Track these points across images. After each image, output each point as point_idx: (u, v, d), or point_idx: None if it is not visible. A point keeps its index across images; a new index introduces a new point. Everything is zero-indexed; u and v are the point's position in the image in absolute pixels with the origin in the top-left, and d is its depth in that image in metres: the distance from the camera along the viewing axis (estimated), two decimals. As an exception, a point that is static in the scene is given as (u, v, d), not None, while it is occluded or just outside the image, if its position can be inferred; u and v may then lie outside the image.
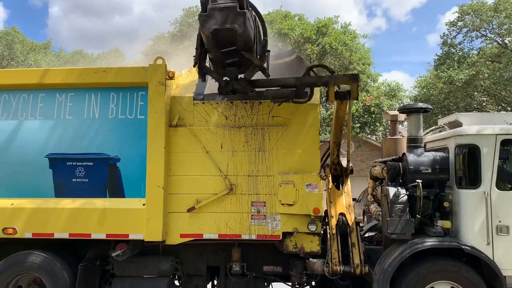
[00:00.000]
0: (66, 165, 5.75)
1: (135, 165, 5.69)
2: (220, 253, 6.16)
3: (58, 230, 5.62)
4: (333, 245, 5.72)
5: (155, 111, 5.61)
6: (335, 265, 5.63)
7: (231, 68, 5.00)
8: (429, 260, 5.24)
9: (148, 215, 5.51)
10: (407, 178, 5.56)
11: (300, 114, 5.64)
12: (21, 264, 5.66)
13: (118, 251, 5.66)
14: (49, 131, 5.82)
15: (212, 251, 6.16)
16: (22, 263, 5.66)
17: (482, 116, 6.32)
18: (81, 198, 5.68)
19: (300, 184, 5.49)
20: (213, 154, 5.68)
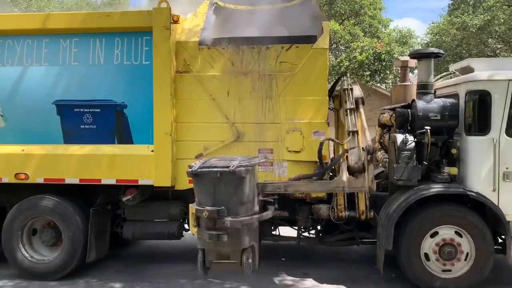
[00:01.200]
0: (73, 111, 5.76)
1: (143, 111, 5.68)
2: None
3: (69, 176, 5.73)
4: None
5: (160, 57, 5.52)
6: (341, 211, 5.73)
7: None
8: (434, 205, 5.30)
9: (157, 161, 5.57)
10: (415, 124, 5.52)
11: (308, 59, 5.52)
12: (34, 208, 5.83)
13: (128, 196, 5.78)
14: (55, 77, 5.78)
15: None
16: (35, 207, 5.82)
17: (494, 62, 6.16)
18: (90, 145, 5.74)
19: (307, 131, 5.48)
20: (220, 101, 5.64)
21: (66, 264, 5.77)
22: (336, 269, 6.23)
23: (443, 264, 5.28)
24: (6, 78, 5.84)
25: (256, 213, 4.52)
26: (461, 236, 5.24)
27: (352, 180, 5.06)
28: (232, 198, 4.10)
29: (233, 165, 4.04)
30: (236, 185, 4.07)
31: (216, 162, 4.30)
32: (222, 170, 4.05)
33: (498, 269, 5.84)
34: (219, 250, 4.30)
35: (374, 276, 5.87)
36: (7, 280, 5.83)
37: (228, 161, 4.29)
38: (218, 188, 4.10)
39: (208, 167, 4.16)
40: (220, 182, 4.05)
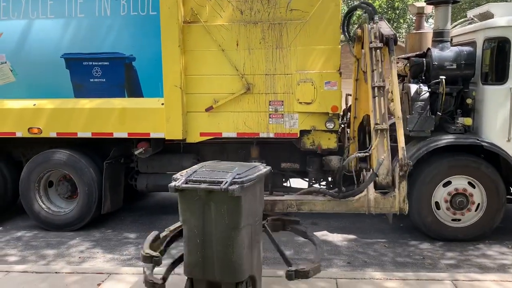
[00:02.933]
0: (82, 65, 5.70)
1: (151, 64, 5.59)
2: (239, 151, 6.29)
3: (81, 130, 5.77)
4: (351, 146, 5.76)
5: (167, 7, 5.37)
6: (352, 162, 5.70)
7: None
8: (448, 155, 5.25)
9: (167, 114, 5.56)
10: (430, 74, 5.38)
11: (320, 6, 5.32)
12: (48, 161, 5.93)
13: (140, 149, 5.83)
14: (62, 30, 5.68)
15: (231, 149, 6.29)
16: (49, 160, 5.92)
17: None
18: (100, 98, 5.73)
19: (319, 82, 5.37)
20: (229, 53, 5.53)
21: (82, 215, 5.93)
22: (345, 219, 6.30)
23: (453, 213, 5.31)
24: (14, 31, 5.76)
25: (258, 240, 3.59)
26: (474, 186, 5.23)
27: (379, 199, 4.26)
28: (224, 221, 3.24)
29: (225, 181, 3.16)
30: (230, 206, 3.21)
31: (206, 175, 3.39)
32: (212, 188, 3.19)
33: (508, 219, 5.86)
34: (209, 279, 3.38)
35: (382, 226, 5.95)
36: (26, 231, 6.03)
37: (223, 172, 3.41)
38: (208, 208, 3.26)
39: (195, 182, 3.29)
40: (209, 201, 3.24)
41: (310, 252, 5.08)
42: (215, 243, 3.27)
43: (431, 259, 4.92)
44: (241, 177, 3.27)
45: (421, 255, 5.04)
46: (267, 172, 3.67)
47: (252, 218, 3.43)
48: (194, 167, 3.69)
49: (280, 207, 4.35)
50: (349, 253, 5.17)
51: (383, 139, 4.48)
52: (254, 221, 3.48)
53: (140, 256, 3.48)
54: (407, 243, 5.42)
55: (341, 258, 5.02)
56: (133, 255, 5.15)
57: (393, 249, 5.25)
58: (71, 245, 5.50)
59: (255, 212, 3.50)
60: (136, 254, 5.13)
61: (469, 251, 5.11)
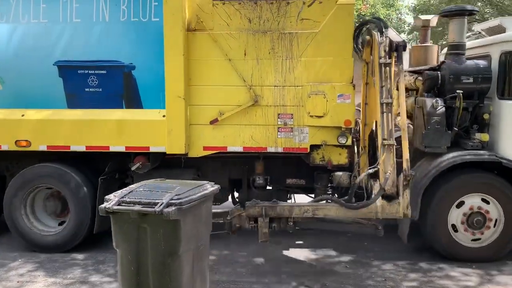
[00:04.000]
0: (77, 73, 5.31)
1: (152, 73, 5.24)
2: (242, 166, 5.98)
3: (74, 143, 5.36)
4: (362, 158, 5.52)
5: (171, 13, 5.05)
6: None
7: None
8: (459, 173, 5.05)
9: (169, 127, 5.20)
10: (445, 88, 5.19)
11: (332, 16, 5.09)
12: (37, 176, 5.47)
13: (137, 164, 5.44)
14: (56, 36, 5.28)
15: (234, 164, 5.97)
16: (38, 175, 5.47)
17: None
18: (96, 109, 5.33)
19: (331, 94, 5.12)
20: (236, 62, 5.23)
21: (73, 235, 5.47)
22: (311, 236, 6.03)
23: (472, 234, 5.09)
24: (1, 35, 5.33)
25: (202, 267, 3.40)
26: (488, 203, 5.04)
27: (386, 206, 4.66)
28: (160, 246, 2.98)
29: (160, 203, 2.92)
30: (167, 230, 2.94)
31: (143, 195, 3.14)
32: (145, 210, 2.93)
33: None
34: None
35: (350, 244, 5.76)
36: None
37: (163, 192, 3.16)
38: (143, 233, 2.99)
39: (129, 204, 3.04)
40: (144, 224, 2.98)
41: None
42: (151, 271, 3.01)
43: (393, 281, 4.68)
44: (180, 197, 3.08)
45: (383, 277, 4.80)
46: (214, 192, 3.53)
47: (195, 242, 3.22)
48: (132, 186, 3.48)
49: (297, 212, 4.78)
50: (309, 274, 4.88)
51: (389, 153, 4.69)
52: (196, 246, 3.26)
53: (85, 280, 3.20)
54: (370, 263, 5.16)
55: (300, 280, 4.72)
56: (77, 279, 4.76)
57: (355, 270, 4.98)
58: (11, 268, 5.09)
59: (198, 236, 3.28)
60: (80, 278, 4.77)
61: (433, 272, 4.89)
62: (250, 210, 4.89)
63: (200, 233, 3.31)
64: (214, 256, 5.36)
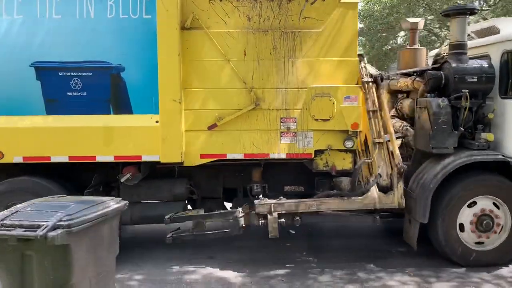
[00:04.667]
0: (58, 75, 4.77)
1: (144, 76, 4.81)
2: (237, 174, 5.63)
3: (55, 153, 4.79)
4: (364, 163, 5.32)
5: (165, 9, 4.64)
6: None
7: None
8: (471, 174, 4.96)
9: (164, 133, 4.77)
10: (449, 88, 5.10)
11: (336, 14, 4.88)
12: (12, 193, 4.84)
13: (127, 175, 4.95)
14: (33, 33, 4.72)
15: (228, 172, 5.60)
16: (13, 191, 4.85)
17: None
18: (80, 115, 4.80)
19: (338, 96, 4.89)
20: (236, 63, 4.89)
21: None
22: (245, 250, 5.70)
23: (478, 236, 5.00)
24: (-32, 33, 4.71)
25: None
26: (498, 207, 4.97)
27: (382, 197, 5.00)
28: (48, 277, 2.55)
29: (45, 226, 2.51)
30: (56, 257, 2.54)
31: (28, 216, 2.69)
32: (27, 235, 2.49)
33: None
34: None
35: (281, 255, 5.50)
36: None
37: (53, 212, 2.73)
38: (28, 261, 2.55)
39: (8, 228, 2.59)
40: (28, 251, 2.55)
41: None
42: None
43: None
44: (71, 218, 2.66)
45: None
46: (119, 209, 3.20)
47: (93, 270, 2.82)
48: (18, 206, 3.04)
49: (303, 207, 4.98)
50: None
51: (380, 150, 5.13)
52: (96, 273, 2.85)
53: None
54: (307, 275, 4.88)
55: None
56: None
57: (291, 283, 4.67)
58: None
59: (97, 262, 2.87)
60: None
61: (370, 282, 4.68)
62: (260, 207, 4.98)
63: (100, 258, 2.87)
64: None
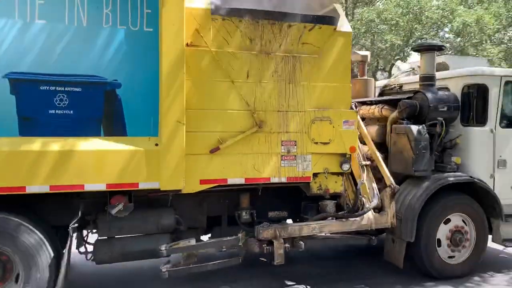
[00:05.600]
0: (38, 90, 4.01)
1: (141, 94, 4.32)
2: (221, 201, 5.34)
3: (32, 182, 3.97)
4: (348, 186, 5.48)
5: (171, 23, 4.28)
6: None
7: None
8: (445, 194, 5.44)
9: (164, 157, 4.30)
10: (423, 116, 5.59)
11: (330, 41, 5.04)
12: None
13: (119, 206, 4.34)
14: (9, 39, 3.93)
15: (212, 199, 5.28)
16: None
17: (468, 60, 6.71)
18: (66, 137, 4.09)
19: (337, 120, 5.00)
20: (238, 84, 4.71)
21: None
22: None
23: (451, 251, 5.48)
24: None
25: None
26: (466, 223, 5.54)
27: (377, 218, 5.29)
28: None
29: None
30: None
31: None
32: None
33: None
34: None
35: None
36: None
37: None
38: None
39: None
40: None
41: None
42: None
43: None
44: None
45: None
46: None
47: None
48: None
49: (306, 230, 5.04)
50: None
51: (368, 172, 5.46)
52: None
53: None
54: None
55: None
56: None
57: None
58: None
59: None
60: None
61: None
62: (264, 233, 4.87)
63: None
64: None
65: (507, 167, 5.69)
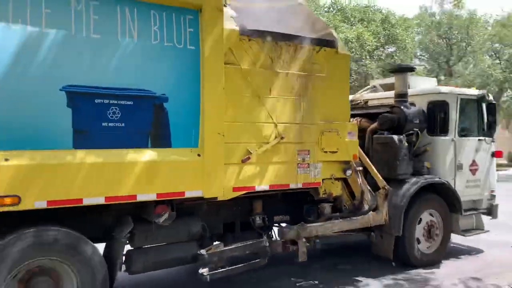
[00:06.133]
0: (93, 103, 4.07)
1: (186, 107, 4.57)
2: (235, 208, 5.69)
3: (88, 194, 4.01)
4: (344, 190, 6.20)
5: (213, 41, 4.63)
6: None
7: None
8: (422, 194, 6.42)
9: (207, 167, 4.60)
10: (401, 127, 6.52)
11: (333, 62, 5.73)
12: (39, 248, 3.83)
13: (165, 215, 4.53)
14: (65, 51, 3.94)
15: (227, 206, 5.60)
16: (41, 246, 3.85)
17: (417, 79, 7.86)
18: (118, 149, 4.19)
19: (343, 131, 5.68)
20: (264, 99, 5.17)
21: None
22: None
23: (427, 242, 6.48)
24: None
25: None
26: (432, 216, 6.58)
27: (375, 216, 6.09)
28: None
29: None
30: None
31: None
32: None
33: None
34: None
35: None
36: None
37: None
38: None
39: None
40: None
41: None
42: None
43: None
44: None
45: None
46: None
47: None
48: None
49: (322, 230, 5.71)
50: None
51: (361, 176, 6.13)
52: None
53: None
54: None
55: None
56: None
57: None
58: None
59: None
60: None
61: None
62: (288, 234, 5.48)
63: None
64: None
65: (463, 169, 6.87)
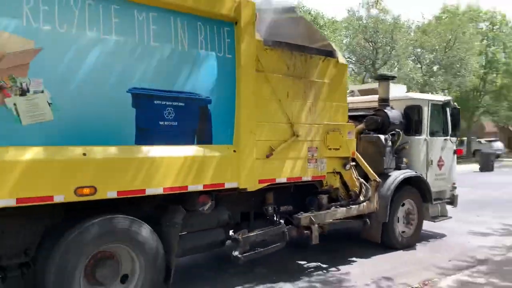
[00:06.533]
0: (153, 104, 4.56)
1: (224, 109, 5.16)
2: (249, 199, 6.32)
3: (149, 185, 4.49)
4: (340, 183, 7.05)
5: (248, 50, 5.28)
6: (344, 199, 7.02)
7: None
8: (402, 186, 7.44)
9: (241, 162, 5.24)
10: (385, 128, 7.50)
11: (336, 72, 6.56)
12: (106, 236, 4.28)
13: (209, 203, 5.12)
14: (130, 56, 4.39)
15: (244, 197, 6.23)
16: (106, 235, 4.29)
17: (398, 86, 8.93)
18: (171, 145, 4.70)
19: (344, 131, 6.52)
20: (283, 102, 5.86)
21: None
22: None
23: (405, 227, 7.52)
24: (60, 49, 3.96)
25: None
26: (411, 206, 7.64)
27: (368, 205, 6.94)
28: None
29: None
30: None
31: None
32: None
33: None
34: None
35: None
36: None
37: None
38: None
39: None
40: None
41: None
42: None
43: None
44: None
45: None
46: None
47: None
48: None
49: (328, 217, 6.49)
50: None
51: (355, 170, 6.95)
52: None
53: None
54: None
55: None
56: None
57: None
58: None
59: None
60: None
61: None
62: (303, 220, 6.22)
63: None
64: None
65: (433, 165, 8.02)
